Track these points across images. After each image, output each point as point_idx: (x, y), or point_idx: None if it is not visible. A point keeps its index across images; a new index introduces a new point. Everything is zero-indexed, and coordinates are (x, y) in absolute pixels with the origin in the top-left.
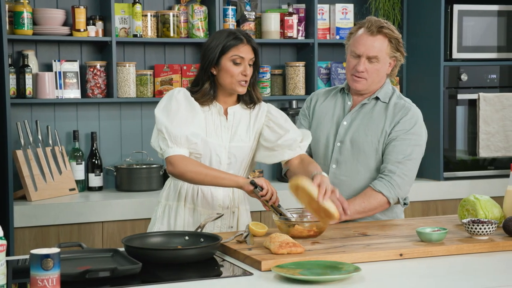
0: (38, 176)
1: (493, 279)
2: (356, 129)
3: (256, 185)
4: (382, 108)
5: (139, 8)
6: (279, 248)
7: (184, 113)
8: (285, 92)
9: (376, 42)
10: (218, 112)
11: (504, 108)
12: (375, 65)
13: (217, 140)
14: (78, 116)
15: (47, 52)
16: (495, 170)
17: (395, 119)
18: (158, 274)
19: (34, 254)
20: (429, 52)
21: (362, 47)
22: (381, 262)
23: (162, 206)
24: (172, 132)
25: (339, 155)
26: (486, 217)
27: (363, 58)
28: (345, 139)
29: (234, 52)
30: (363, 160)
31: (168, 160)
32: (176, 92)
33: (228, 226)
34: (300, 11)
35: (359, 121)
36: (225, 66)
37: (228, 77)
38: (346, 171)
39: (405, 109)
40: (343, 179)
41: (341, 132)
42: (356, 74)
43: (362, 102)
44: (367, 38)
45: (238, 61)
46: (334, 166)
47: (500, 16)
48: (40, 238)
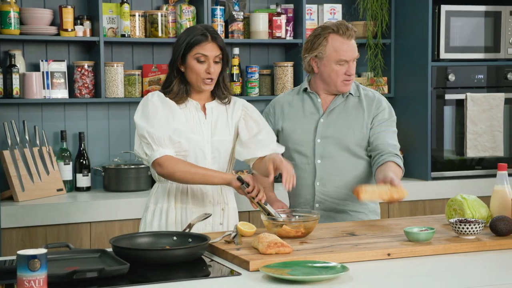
0: (25, 177)
1: (480, 279)
2: (335, 124)
3: (243, 181)
4: (355, 102)
5: (127, 8)
6: (267, 248)
7: (163, 115)
8: (273, 92)
9: (354, 44)
10: (195, 109)
11: (491, 108)
12: (355, 63)
13: (199, 136)
14: (66, 116)
15: (34, 52)
16: (482, 170)
17: (371, 111)
18: (146, 274)
19: (21, 255)
20: (416, 52)
21: (349, 53)
22: (369, 262)
23: (151, 210)
24: (154, 135)
25: (323, 150)
26: (473, 217)
27: (351, 62)
28: (325, 135)
29: (197, 50)
30: (347, 152)
31: (156, 162)
32: (150, 96)
33: (219, 223)
34: (288, 11)
35: (336, 117)
36: (190, 64)
37: (193, 75)
38: (332, 163)
39: (377, 101)
40: (330, 171)
41: (320, 128)
42: (347, 79)
43: (338, 101)
44: (349, 42)
45: (202, 59)
46: (319, 161)
47: (487, 17)
48: (28, 239)
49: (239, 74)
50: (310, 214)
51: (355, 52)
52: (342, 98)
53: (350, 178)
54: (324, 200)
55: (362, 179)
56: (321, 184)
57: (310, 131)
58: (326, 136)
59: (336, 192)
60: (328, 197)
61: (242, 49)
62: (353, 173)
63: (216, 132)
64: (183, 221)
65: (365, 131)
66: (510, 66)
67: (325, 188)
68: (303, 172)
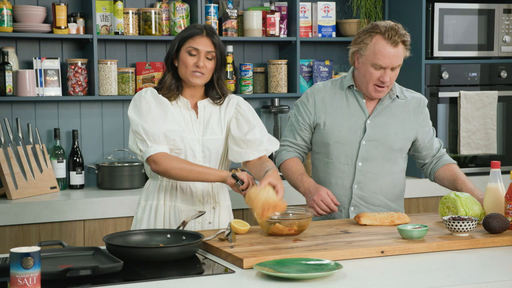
0: (18, 174)
1: (473, 276)
2: (383, 127)
3: (237, 178)
4: (401, 104)
5: (121, 6)
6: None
7: (156, 111)
8: (267, 90)
9: (399, 51)
10: (186, 107)
11: (485, 106)
12: (396, 71)
13: (189, 134)
14: (59, 114)
15: (27, 49)
16: (475, 168)
17: (418, 115)
18: (140, 272)
19: (14, 252)
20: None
21: (388, 60)
22: (362, 259)
23: (142, 207)
24: (149, 131)
25: (366, 153)
26: (467, 214)
27: (388, 70)
28: (373, 137)
29: (189, 44)
30: (390, 158)
31: (151, 159)
32: (143, 92)
33: (207, 222)
34: (282, 9)
35: (384, 119)
36: (182, 57)
37: (183, 68)
38: (373, 168)
39: (423, 103)
40: (369, 176)
41: (368, 130)
42: (380, 85)
43: (386, 103)
44: (391, 50)
45: (193, 53)
46: (360, 164)
47: (480, 15)
48: (21, 237)
49: (233, 72)
50: (304, 212)
51: (394, 61)
52: (390, 99)
53: (386, 184)
54: (360, 204)
55: (398, 187)
56: (358, 187)
57: (356, 131)
58: (372, 139)
59: (372, 198)
60: (364, 201)
61: (236, 47)
62: (389, 179)
63: (207, 131)
64: (172, 219)
65: (410, 136)
66: (503, 64)
67: (362, 192)
68: (341, 173)
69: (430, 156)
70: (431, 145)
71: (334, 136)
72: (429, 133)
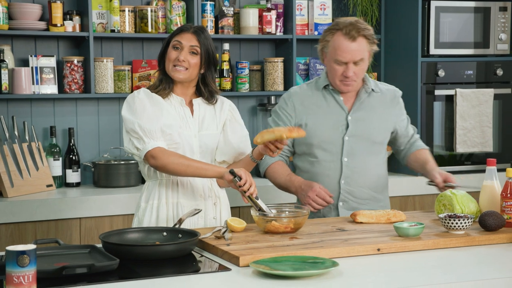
0: (14, 172)
1: (469, 273)
2: (364, 122)
3: (235, 174)
4: (378, 98)
5: (117, 3)
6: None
7: (151, 109)
8: (263, 87)
9: (358, 45)
10: (180, 104)
11: (481, 104)
12: (361, 65)
13: (186, 130)
14: (55, 112)
15: (23, 47)
16: (471, 165)
17: (395, 107)
18: (136, 270)
19: (10, 250)
20: (406, 48)
21: (347, 54)
22: (359, 257)
23: (143, 209)
24: (145, 127)
25: (350, 148)
26: (463, 212)
27: (350, 64)
28: (355, 133)
29: (176, 38)
30: (373, 151)
31: (149, 154)
32: (136, 93)
33: (212, 217)
34: (278, 6)
35: (364, 114)
36: (167, 52)
37: (167, 62)
38: (358, 162)
39: (398, 94)
40: (356, 170)
41: (350, 127)
42: (345, 80)
43: (362, 97)
44: (349, 44)
45: (177, 46)
46: (346, 159)
47: (476, 13)
48: (17, 235)
49: (229, 69)
50: (300, 210)
51: (355, 55)
52: (366, 93)
53: (373, 177)
54: (348, 199)
55: (382, 177)
56: (346, 182)
57: (338, 128)
58: (355, 134)
59: (360, 192)
60: (352, 196)
61: (232, 44)
62: (374, 171)
63: (203, 126)
64: (175, 216)
65: (390, 127)
66: (499, 62)
67: (350, 187)
68: (328, 170)
69: (405, 143)
70: (407, 133)
71: (317, 135)
72: (404, 121)
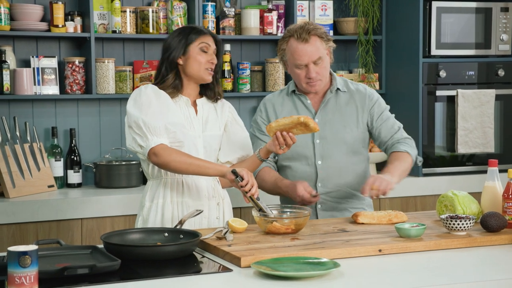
0: (16, 173)
1: (470, 274)
2: (332, 124)
3: (237, 174)
4: (346, 98)
5: (118, 4)
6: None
7: (157, 105)
8: (264, 88)
9: (312, 46)
10: (185, 104)
11: (482, 105)
12: (321, 64)
13: (191, 131)
14: (57, 113)
15: (25, 48)
16: (473, 166)
17: (365, 106)
18: (138, 270)
19: (12, 251)
20: (408, 48)
21: (304, 57)
22: (360, 258)
23: (147, 208)
24: (150, 124)
25: (323, 150)
26: (464, 213)
27: (310, 65)
28: (324, 135)
29: (202, 40)
30: (346, 150)
31: (152, 151)
32: (143, 88)
33: (215, 217)
34: (279, 7)
35: (331, 116)
36: (193, 54)
37: (196, 65)
38: (333, 163)
39: (368, 95)
40: (331, 171)
41: None
42: (310, 82)
43: (327, 97)
44: (303, 46)
45: (206, 49)
46: (320, 162)
47: (478, 13)
48: (18, 235)
49: (230, 70)
50: (301, 211)
51: (312, 56)
52: (331, 93)
53: (351, 176)
54: (326, 200)
55: (362, 175)
56: (322, 185)
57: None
58: (324, 136)
59: (338, 192)
60: (330, 197)
61: (233, 45)
62: (353, 170)
63: (207, 127)
64: (180, 216)
65: (362, 127)
66: (501, 63)
67: (326, 189)
68: (304, 173)
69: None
70: (386, 132)
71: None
72: (383, 119)
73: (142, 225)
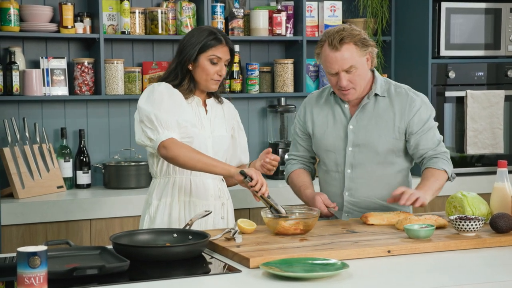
0: (25, 174)
1: (480, 275)
2: (366, 131)
3: (246, 175)
4: (386, 104)
5: (127, 5)
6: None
7: (169, 102)
8: (273, 89)
9: (344, 54)
10: (197, 104)
11: (491, 106)
12: (355, 72)
13: (202, 130)
14: (66, 114)
15: (34, 49)
16: (482, 167)
17: (405, 115)
18: (146, 271)
19: (21, 252)
20: (417, 49)
21: (335, 65)
22: (369, 259)
23: (155, 206)
24: (162, 118)
25: (353, 159)
26: (473, 214)
27: (341, 74)
28: (357, 142)
29: (212, 52)
30: (378, 160)
31: (162, 145)
32: (156, 85)
33: (220, 217)
34: (288, 8)
35: (366, 122)
36: (202, 64)
37: (203, 75)
38: (362, 173)
39: (410, 100)
40: (360, 181)
41: (350, 136)
42: (342, 90)
43: (364, 103)
44: (334, 54)
45: (215, 61)
46: (349, 170)
47: (487, 14)
48: (28, 236)
49: (239, 71)
50: (310, 211)
51: (342, 64)
52: (368, 100)
53: (379, 187)
54: (353, 210)
55: (394, 185)
56: (349, 194)
57: (341, 138)
58: (357, 144)
59: (366, 202)
60: (357, 207)
61: (242, 46)
62: (384, 181)
63: (215, 128)
64: (187, 215)
65: (398, 136)
66: (510, 63)
67: (353, 199)
68: (333, 180)
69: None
70: (425, 144)
71: (323, 144)
72: (424, 131)
73: (149, 224)
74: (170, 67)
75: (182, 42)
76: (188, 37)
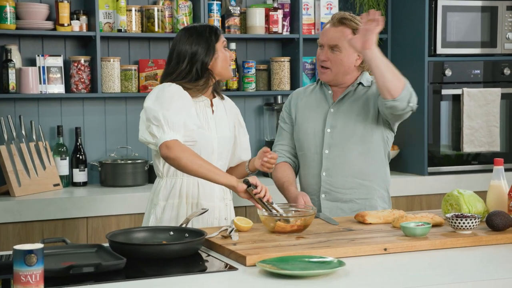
0: (21, 172)
1: (476, 273)
2: (345, 113)
3: (250, 183)
4: (366, 90)
5: (123, 3)
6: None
7: (179, 102)
8: (270, 87)
9: (337, 32)
10: (205, 104)
11: (488, 104)
12: (337, 54)
13: (208, 131)
14: (62, 111)
15: (30, 46)
16: (478, 165)
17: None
18: (143, 269)
19: (17, 249)
20: (413, 47)
21: (324, 37)
22: (365, 256)
23: (161, 207)
24: (169, 118)
25: (331, 140)
26: (470, 212)
27: (325, 47)
28: (336, 124)
29: (223, 38)
30: (359, 140)
31: (165, 144)
32: (166, 85)
33: (224, 217)
34: (285, 6)
35: (346, 107)
36: (220, 52)
37: (224, 64)
38: (340, 153)
39: None
40: (337, 161)
41: (329, 119)
42: (321, 65)
43: (347, 90)
44: (329, 29)
45: (226, 46)
46: (327, 151)
47: (483, 12)
48: (24, 234)
49: (235, 69)
50: (306, 209)
51: (330, 39)
52: (352, 87)
53: (357, 166)
54: (330, 190)
55: (370, 165)
56: (327, 174)
57: (320, 122)
58: (335, 126)
59: (343, 182)
60: (334, 187)
61: (238, 44)
62: (360, 160)
63: (220, 128)
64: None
65: (373, 113)
66: (506, 61)
67: (331, 178)
68: (311, 162)
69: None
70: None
71: (303, 128)
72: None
73: (155, 224)
74: (180, 68)
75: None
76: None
